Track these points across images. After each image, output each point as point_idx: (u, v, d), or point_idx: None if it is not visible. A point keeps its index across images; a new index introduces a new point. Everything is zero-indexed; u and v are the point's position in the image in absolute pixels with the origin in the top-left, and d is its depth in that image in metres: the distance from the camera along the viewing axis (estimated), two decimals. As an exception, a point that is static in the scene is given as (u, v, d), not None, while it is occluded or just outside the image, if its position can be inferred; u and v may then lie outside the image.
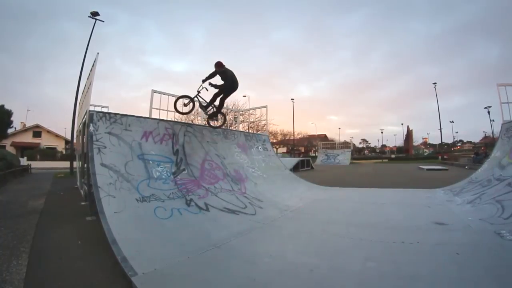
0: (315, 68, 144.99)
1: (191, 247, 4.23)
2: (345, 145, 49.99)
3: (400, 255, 4.18)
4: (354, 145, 72.87)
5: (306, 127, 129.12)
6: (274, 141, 57.88)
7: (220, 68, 7.96)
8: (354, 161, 48.00)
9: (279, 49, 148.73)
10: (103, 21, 20.87)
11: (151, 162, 6.42)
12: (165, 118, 8.38)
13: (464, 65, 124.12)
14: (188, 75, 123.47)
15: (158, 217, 4.99)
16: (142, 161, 6.28)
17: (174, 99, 9.18)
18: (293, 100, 53.41)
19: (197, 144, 8.36)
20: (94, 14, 20.22)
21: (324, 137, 76.21)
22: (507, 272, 3.50)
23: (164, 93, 8.96)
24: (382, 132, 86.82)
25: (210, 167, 8.05)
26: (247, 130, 18.70)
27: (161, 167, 6.56)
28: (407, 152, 75.01)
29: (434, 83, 47.74)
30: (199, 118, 12.13)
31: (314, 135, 78.67)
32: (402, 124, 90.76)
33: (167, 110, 8.83)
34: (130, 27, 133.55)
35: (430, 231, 5.30)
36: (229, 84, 8.10)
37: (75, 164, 13.62)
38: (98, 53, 7.19)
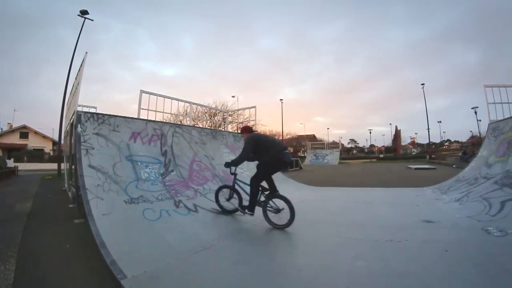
0: (299, 73, 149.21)
1: (180, 248, 4.19)
2: (334, 145, 50.35)
3: (389, 253, 4.20)
4: (342, 145, 73.59)
5: (294, 128, 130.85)
6: (264, 141, 57.90)
7: (245, 135, 6.32)
8: (342, 161, 48.42)
9: (264, 55, 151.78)
10: (92, 20, 20.73)
11: (139, 163, 6.36)
12: (154, 119, 8.28)
13: (445, 69, 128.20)
14: (178, 79, 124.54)
15: (147, 219, 4.94)
16: (130, 162, 6.22)
17: (162, 99, 9.14)
18: (282, 101, 53.65)
19: (185, 145, 8.31)
20: (83, 12, 20.14)
21: (313, 137, 76.85)
22: (495, 267, 3.57)
23: (152, 93, 8.85)
24: (370, 132, 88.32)
25: (199, 168, 8.00)
26: (236, 131, 18.73)
27: (150, 168, 6.50)
28: (395, 151, 76.29)
29: (422, 84, 49.02)
30: (187, 119, 12.10)
31: (303, 135, 79.20)
32: (390, 124, 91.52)
33: (155, 111, 8.77)
34: (123, 35, 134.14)
35: (418, 229, 5.35)
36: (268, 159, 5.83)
37: (63, 166, 13.46)
38: (86, 52, 7.12)
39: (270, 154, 5.75)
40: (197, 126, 12.53)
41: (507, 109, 9.46)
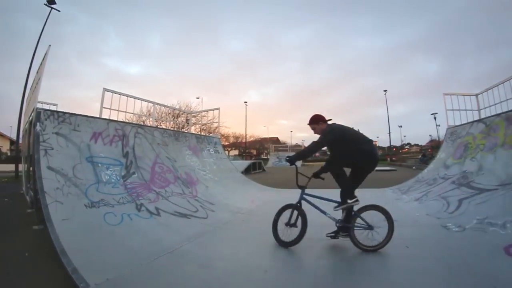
0: (265, 76, 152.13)
1: (143, 254, 4.11)
2: (297, 147, 51.28)
3: (352, 251, 4.35)
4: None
5: (258, 130, 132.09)
6: (226, 143, 58.46)
7: (321, 125, 4.87)
8: (306, 163, 49.10)
9: (231, 57, 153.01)
10: (59, 11, 19.90)
11: (100, 165, 6.16)
12: (116, 119, 8.09)
13: (407, 77, 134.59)
14: (143, 78, 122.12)
15: (108, 224, 4.78)
16: (91, 164, 6.00)
17: (125, 98, 8.93)
18: (246, 103, 53.92)
19: (147, 146, 8.14)
20: (50, 2, 19.20)
21: (276, 140, 78.13)
22: (454, 260, 3.86)
23: (116, 92, 8.69)
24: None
25: (161, 170, 7.88)
26: (199, 132, 18.55)
27: (110, 170, 6.30)
28: None
29: (385, 91, 50.78)
30: (150, 119, 11.94)
31: (266, 138, 79.81)
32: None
33: (118, 110, 8.61)
34: (90, 29, 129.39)
35: (379, 228, 5.52)
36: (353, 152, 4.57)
37: (21, 167, 12.96)
38: (49, 45, 6.84)
39: (364, 149, 4.60)
40: (160, 127, 12.35)
41: (464, 116, 10.37)
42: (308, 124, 4.91)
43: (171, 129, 12.98)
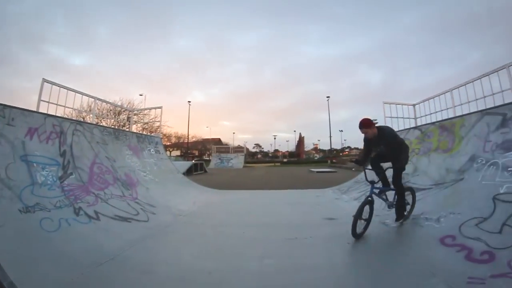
0: (211, 77, 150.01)
1: (84, 262, 3.89)
2: (239, 149, 51.99)
3: (296, 249, 4.58)
4: (247, 149, 76.06)
5: (200, 131, 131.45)
6: (168, 143, 57.83)
7: (373, 129, 5.09)
8: (247, 164, 50.24)
9: (179, 55, 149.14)
10: None
11: (35, 164, 5.63)
12: (54, 113, 7.47)
13: (350, 85, 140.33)
14: (87, 71, 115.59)
15: (45, 230, 4.40)
16: (25, 163, 5.45)
17: (66, 92, 8.46)
18: (190, 103, 53.39)
19: (86, 145, 7.63)
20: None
21: (218, 141, 78.30)
22: (394, 252, 4.32)
23: (56, 84, 8.06)
24: (275, 138, 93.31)
25: (100, 171, 7.45)
26: (140, 131, 18.09)
27: (46, 171, 5.77)
28: (298, 156, 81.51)
29: (328, 97, 53.21)
30: (90, 116, 11.42)
31: (209, 139, 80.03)
32: (294, 131, 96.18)
33: (57, 104, 8.00)
34: (37, 10, 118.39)
35: (321, 226, 5.95)
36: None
37: None
38: None
39: (407, 148, 5.48)
40: (100, 124, 11.86)
41: (402, 123, 11.34)
42: (362, 128, 5.07)
43: (112, 127, 12.52)
